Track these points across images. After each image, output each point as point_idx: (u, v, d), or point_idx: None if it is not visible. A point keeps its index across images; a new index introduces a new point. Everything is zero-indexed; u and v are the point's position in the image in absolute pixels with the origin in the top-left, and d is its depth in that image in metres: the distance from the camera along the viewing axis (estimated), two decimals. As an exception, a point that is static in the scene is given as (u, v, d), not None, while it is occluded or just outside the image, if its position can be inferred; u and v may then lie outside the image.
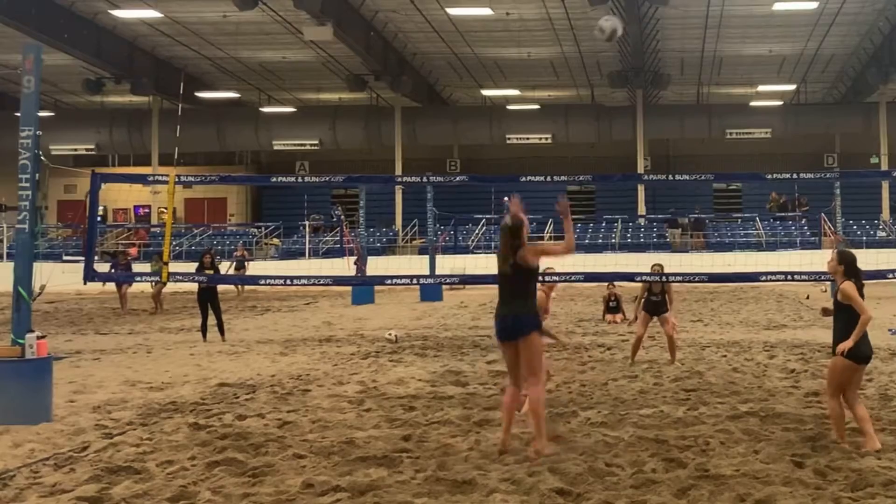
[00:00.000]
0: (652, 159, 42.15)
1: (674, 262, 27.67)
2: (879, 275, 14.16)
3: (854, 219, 37.41)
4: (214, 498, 5.87)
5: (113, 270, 22.96)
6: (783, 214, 39.95)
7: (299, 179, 27.36)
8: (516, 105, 42.35)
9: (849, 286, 6.90)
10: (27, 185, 8.57)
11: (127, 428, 8.07)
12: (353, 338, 15.64)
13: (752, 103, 41.79)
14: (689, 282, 22.75)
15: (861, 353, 6.93)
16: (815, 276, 19.62)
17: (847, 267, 7.05)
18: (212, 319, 15.57)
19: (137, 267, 28.10)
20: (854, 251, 7.65)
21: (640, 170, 39.22)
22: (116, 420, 8.43)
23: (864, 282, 7.17)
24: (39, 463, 6.83)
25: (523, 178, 13.64)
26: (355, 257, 26.23)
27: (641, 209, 39.91)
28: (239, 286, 28.54)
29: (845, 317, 6.94)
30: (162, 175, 12.11)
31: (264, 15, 30.86)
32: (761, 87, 41.30)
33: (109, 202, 41.77)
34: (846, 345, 6.89)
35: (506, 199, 32.52)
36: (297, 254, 36.76)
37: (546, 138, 41.05)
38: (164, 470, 6.56)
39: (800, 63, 37.80)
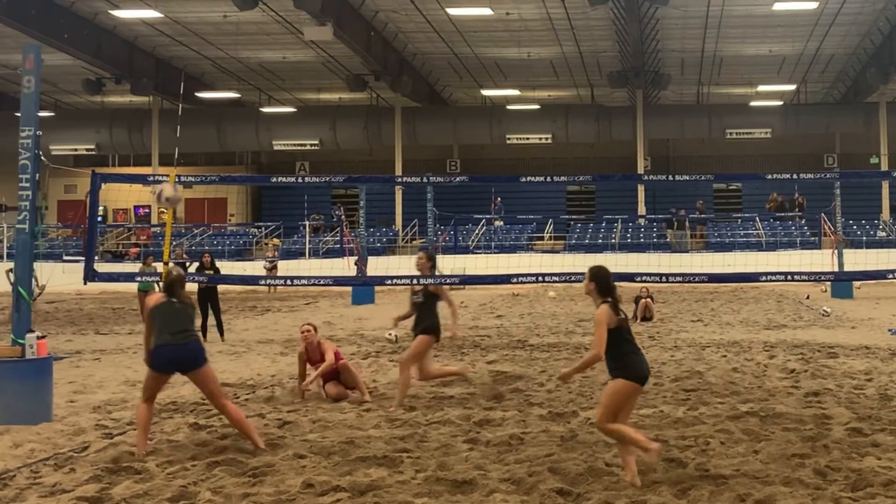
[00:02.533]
0: (652, 159, 42.17)
1: (674, 263, 27.77)
2: (879, 275, 14.14)
3: (854, 219, 37.42)
4: (214, 498, 5.87)
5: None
6: (782, 214, 39.95)
7: (299, 179, 27.37)
8: (516, 105, 42.36)
9: (600, 313, 6.15)
10: (27, 185, 8.57)
11: (127, 428, 8.07)
12: (353, 338, 15.65)
13: (752, 103, 41.80)
14: (689, 282, 22.81)
15: (640, 374, 6.15)
16: (815, 276, 19.66)
17: (598, 284, 6.32)
18: (212, 320, 15.57)
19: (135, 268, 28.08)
20: (853, 251, 7.58)
21: (640, 170, 39.24)
22: (116, 420, 8.43)
23: (865, 282, 7.10)
24: (39, 463, 6.83)
25: (523, 179, 13.62)
26: (355, 257, 26.22)
27: (641, 209, 39.92)
28: (271, 286, 28.69)
29: (612, 339, 6.12)
30: (162, 175, 12.09)
31: (264, 15, 30.87)
32: (761, 87, 41.31)
33: (109, 202, 41.75)
34: (567, 373, 6.38)
35: (499, 199, 32.22)
36: (297, 254, 36.77)
37: (546, 138, 41.06)
38: (164, 470, 6.56)
39: (800, 63, 37.81)
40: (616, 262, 26.79)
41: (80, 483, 6.23)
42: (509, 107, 42.34)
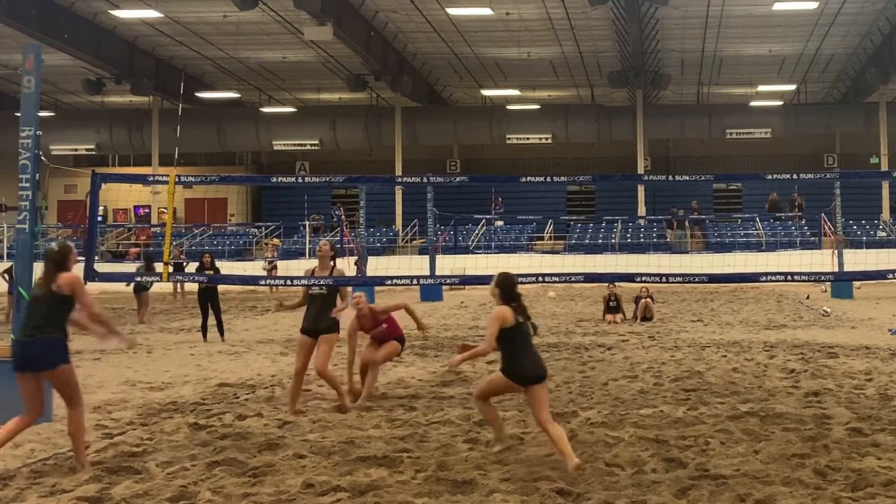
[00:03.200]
0: (652, 159, 42.16)
1: (674, 263, 27.77)
2: (879, 275, 14.12)
3: (854, 219, 37.43)
4: (214, 498, 5.87)
5: None
6: (779, 214, 39.96)
7: (299, 179, 27.35)
8: (516, 105, 42.36)
9: (496, 311, 6.79)
10: (27, 185, 8.57)
11: (127, 428, 8.08)
12: (352, 338, 15.62)
13: (752, 103, 41.79)
14: (690, 282, 22.78)
15: (516, 374, 6.73)
16: (815, 277, 19.66)
17: (503, 290, 6.86)
18: (212, 319, 15.57)
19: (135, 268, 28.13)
20: (853, 251, 7.57)
21: (640, 170, 39.23)
22: (116, 420, 8.43)
23: (865, 282, 7.11)
24: (39, 463, 6.83)
25: (523, 179, 13.63)
26: (355, 257, 26.22)
27: (641, 209, 39.92)
28: (272, 286, 28.66)
29: (505, 339, 6.74)
30: (162, 175, 12.09)
31: (264, 15, 30.87)
32: (761, 87, 41.30)
33: (109, 202, 41.76)
34: (456, 360, 7.01)
35: (499, 199, 32.05)
36: (297, 254, 36.75)
37: (546, 138, 41.05)
38: (164, 470, 6.56)
39: (800, 63, 37.81)
40: (616, 262, 26.81)
41: (80, 483, 6.23)
42: (509, 107, 42.33)
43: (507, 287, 6.86)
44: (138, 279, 18.41)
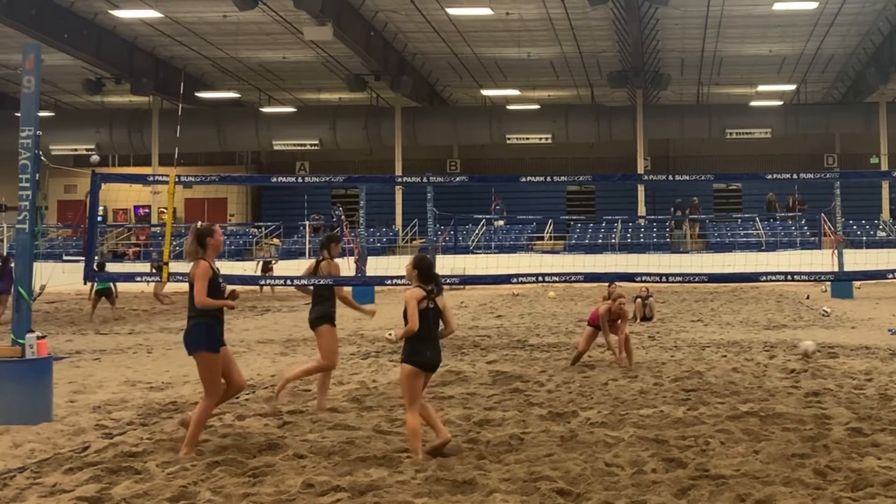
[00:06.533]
0: (652, 159, 42.19)
1: (674, 263, 27.76)
2: (879, 275, 14.12)
3: (854, 219, 37.44)
4: (214, 498, 5.86)
5: None
6: (777, 214, 39.96)
7: (299, 179, 27.33)
8: (516, 105, 42.38)
9: (411, 292, 6.95)
10: (27, 185, 8.56)
11: (127, 428, 8.07)
12: (353, 338, 15.63)
13: (752, 103, 41.82)
14: (689, 282, 22.80)
15: (424, 361, 6.95)
16: (815, 276, 19.67)
17: (420, 272, 7.04)
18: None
19: (137, 267, 28.15)
20: (853, 251, 7.57)
21: (640, 170, 39.26)
22: (116, 420, 8.43)
23: (865, 282, 7.10)
24: (39, 463, 6.83)
25: (523, 179, 13.61)
26: (355, 257, 26.21)
27: (641, 209, 39.93)
28: (262, 286, 28.64)
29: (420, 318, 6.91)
30: (162, 175, 12.09)
31: (264, 15, 30.88)
32: (761, 87, 41.33)
33: (109, 202, 41.78)
34: (394, 334, 6.98)
35: (499, 200, 31.95)
36: (297, 254, 36.75)
37: (546, 138, 41.07)
38: (164, 470, 6.56)
39: (800, 63, 37.82)
40: (616, 262, 26.82)
41: (80, 483, 6.22)
42: (509, 107, 42.35)
43: (424, 269, 7.01)
44: (139, 279, 18.38)
